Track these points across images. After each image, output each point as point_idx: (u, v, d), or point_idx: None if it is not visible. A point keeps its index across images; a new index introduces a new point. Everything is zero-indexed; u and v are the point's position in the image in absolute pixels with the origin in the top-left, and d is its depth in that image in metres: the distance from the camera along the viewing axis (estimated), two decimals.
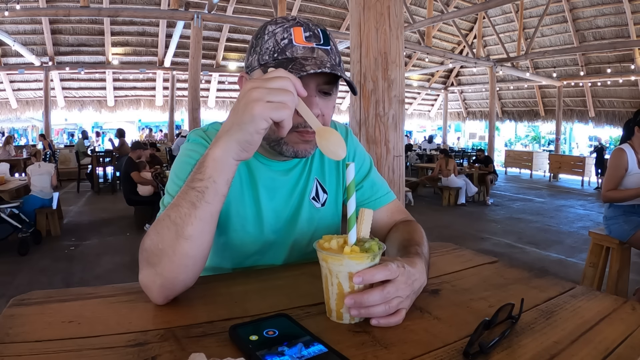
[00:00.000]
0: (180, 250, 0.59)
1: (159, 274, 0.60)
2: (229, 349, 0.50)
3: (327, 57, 0.72)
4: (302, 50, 0.71)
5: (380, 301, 0.56)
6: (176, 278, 0.61)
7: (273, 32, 0.73)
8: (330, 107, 0.77)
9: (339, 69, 0.72)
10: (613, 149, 2.61)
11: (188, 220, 0.58)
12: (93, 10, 8.00)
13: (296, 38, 0.71)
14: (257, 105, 0.55)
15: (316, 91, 0.73)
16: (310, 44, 0.71)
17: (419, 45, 11.33)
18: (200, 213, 0.59)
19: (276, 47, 0.71)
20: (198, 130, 0.85)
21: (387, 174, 2.22)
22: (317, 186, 0.91)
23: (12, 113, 11.76)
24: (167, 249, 0.59)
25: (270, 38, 0.72)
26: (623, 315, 0.63)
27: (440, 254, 0.95)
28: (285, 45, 0.71)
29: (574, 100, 13.49)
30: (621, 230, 2.57)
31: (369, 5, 2.13)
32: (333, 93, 0.76)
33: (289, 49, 0.71)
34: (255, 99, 0.55)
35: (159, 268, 0.60)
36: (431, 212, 7.10)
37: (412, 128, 20.71)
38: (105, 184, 8.85)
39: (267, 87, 0.56)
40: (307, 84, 0.70)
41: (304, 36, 0.71)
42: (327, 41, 0.73)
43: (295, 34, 0.71)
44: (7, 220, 4.06)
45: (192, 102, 8.14)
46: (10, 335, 0.52)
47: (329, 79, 0.73)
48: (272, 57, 0.71)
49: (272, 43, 0.72)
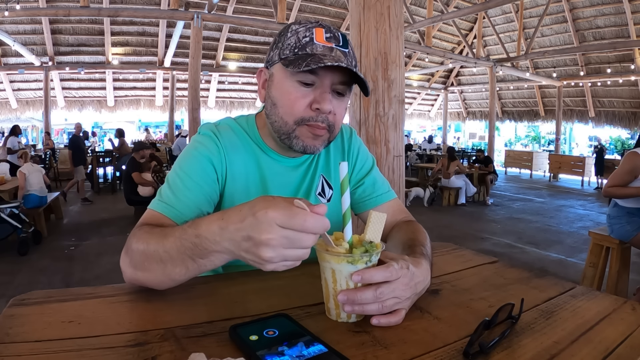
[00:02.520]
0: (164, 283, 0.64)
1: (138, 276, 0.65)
2: (229, 349, 0.50)
3: (345, 58, 0.74)
4: (321, 48, 0.73)
5: (372, 300, 0.56)
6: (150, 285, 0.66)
7: (296, 30, 0.76)
8: (342, 108, 0.80)
9: (355, 69, 0.74)
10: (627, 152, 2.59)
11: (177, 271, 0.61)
12: (93, 10, 8.00)
13: (317, 37, 0.74)
14: (269, 265, 0.51)
15: (330, 89, 0.75)
16: (330, 43, 0.74)
17: (419, 45, 11.33)
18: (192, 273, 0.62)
19: (298, 43, 0.74)
20: (210, 124, 0.86)
21: (387, 174, 2.22)
22: (323, 182, 0.92)
23: (12, 113, 11.75)
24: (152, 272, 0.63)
25: (293, 35, 0.76)
26: (623, 315, 0.63)
27: (440, 254, 0.95)
28: (307, 42, 0.74)
29: (574, 100, 13.49)
30: (623, 231, 2.57)
31: (369, 5, 2.13)
32: (346, 95, 0.79)
33: (310, 45, 0.74)
34: (269, 256, 0.50)
35: (139, 274, 0.65)
36: (431, 212, 7.10)
37: (412, 128, 20.71)
38: (105, 184, 8.84)
39: (293, 237, 0.49)
40: (323, 81, 0.74)
41: (325, 36, 0.74)
42: (345, 44, 0.76)
43: (317, 33, 0.74)
44: (7, 220, 4.06)
45: (192, 102, 8.13)
46: (10, 335, 0.51)
47: (343, 79, 0.76)
48: (293, 52, 0.74)
49: (294, 40, 0.75)
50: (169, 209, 0.74)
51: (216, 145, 0.81)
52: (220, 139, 0.82)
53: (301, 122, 0.76)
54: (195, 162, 0.79)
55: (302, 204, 0.49)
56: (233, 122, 0.88)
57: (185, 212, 0.75)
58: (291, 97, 0.75)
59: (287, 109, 0.76)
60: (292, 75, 0.74)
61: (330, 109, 0.75)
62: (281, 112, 0.77)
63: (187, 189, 0.77)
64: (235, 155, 0.83)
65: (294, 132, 0.77)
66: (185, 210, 0.75)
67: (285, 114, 0.76)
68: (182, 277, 0.62)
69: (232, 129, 0.86)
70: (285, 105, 0.76)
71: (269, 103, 0.80)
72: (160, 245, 0.61)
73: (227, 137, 0.83)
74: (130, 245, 0.66)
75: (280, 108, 0.77)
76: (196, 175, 0.78)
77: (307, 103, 0.75)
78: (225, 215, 0.54)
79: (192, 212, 0.75)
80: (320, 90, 0.74)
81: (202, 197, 0.78)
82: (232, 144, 0.83)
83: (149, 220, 0.73)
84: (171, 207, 0.75)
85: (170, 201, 0.75)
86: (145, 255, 0.63)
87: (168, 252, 0.60)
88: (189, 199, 0.76)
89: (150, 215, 0.75)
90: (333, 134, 0.80)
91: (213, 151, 0.81)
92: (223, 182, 0.82)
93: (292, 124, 0.76)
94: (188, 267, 0.60)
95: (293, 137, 0.77)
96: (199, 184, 0.78)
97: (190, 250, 0.58)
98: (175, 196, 0.76)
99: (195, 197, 0.77)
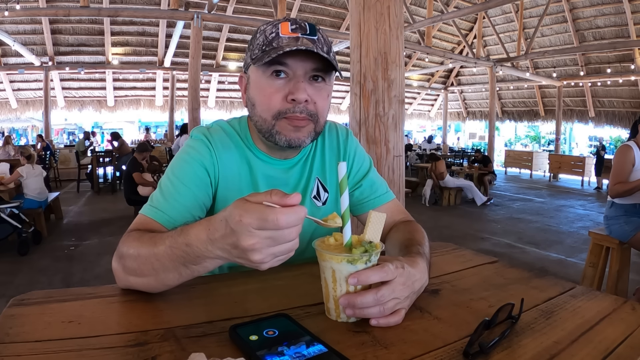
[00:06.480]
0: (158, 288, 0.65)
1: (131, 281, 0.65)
2: (229, 349, 0.50)
3: (312, 45, 0.73)
4: (287, 40, 0.73)
5: (373, 303, 0.56)
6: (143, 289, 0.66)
7: (264, 29, 0.77)
8: (322, 97, 0.78)
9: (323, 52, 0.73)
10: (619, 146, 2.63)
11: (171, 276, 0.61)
12: (93, 10, 7.99)
13: (282, 30, 0.74)
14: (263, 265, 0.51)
15: (304, 77, 0.75)
16: (295, 34, 0.74)
17: (419, 45, 11.33)
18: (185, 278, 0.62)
19: (265, 40, 0.75)
20: (202, 128, 0.86)
21: (387, 174, 2.22)
22: (319, 185, 0.92)
23: (12, 113, 11.74)
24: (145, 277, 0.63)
25: (261, 34, 0.77)
26: (623, 315, 0.63)
27: (440, 254, 0.95)
28: (273, 38, 0.74)
29: (574, 100, 13.48)
30: (622, 231, 2.57)
31: (369, 5, 2.13)
32: (326, 82, 0.78)
33: (275, 40, 0.74)
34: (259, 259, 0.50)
35: (132, 279, 0.65)
36: (431, 212, 7.10)
37: (412, 128, 20.70)
38: (105, 184, 8.84)
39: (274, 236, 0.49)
40: (295, 71, 0.74)
41: (290, 28, 0.74)
42: (313, 32, 0.75)
43: (282, 27, 0.74)
44: (7, 220, 4.06)
45: (192, 102, 8.13)
46: (10, 335, 0.51)
47: (316, 66, 0.75)
48: (261, 50, 0.75)
49: (262, 38, 0.76)
50: (159, 214, 0.75)
51: (208, 148, 0.82)
52: (212, 142, 0.83)
53: (279, 115, 0.76)
54: (187, 167, 0.80)
55: (271, 203, 0.48)
56: (225, 124, 0.88)
57: (176, 217, 0.75)
58: (266, 93, 0.76)
59: (264, 106, 0.77)
60: (264, 72, 0.75)
61: (305, 98, 0.74)
62: (259, 110, 0.78)
63: (179, 193, 0.77)
64: (228, 157, 0.83)
65: (274, 128, 0.77)
66: (176, 215, 0.75)
67: (263, 111, 0.77)
68: (176, 282, 0.62)
69: (225, 130, 0.86)
70: (262, 102, 0.77)
71: (250, 105, 0.81)
72: (151, 252, 0.61)
73: (219, 140, 0.84)
74: (121, 251, 0.67)
75: (259, 106, 0.78)
76: (188, 180, 0.78)
77: (282, 96, 0.75)
78: (210, 225, 0.54)
79: (184, 217, 0.76)
80: (294, 81, 0.74)
81: (194, 201, 0.78)
82: (224, 146, 0.84)
83: (139, 225, 0.74)
84: (162, 212, 0.75)
85: (161, 206, 0.76)
86: (137, 262, 0.63)
87: (160, 260, 0.60)
88: (180, 203, 0.76)
89: (140, 220, 0.75)
90: (319, 124, 0.79)
91: (205, 155, 0.81)
92: (216, 185, 0.82)
93: (271, 119, 0.76)
94: (181, 274, 0.60)
95: (275, 132, 0.77)
96: (191, 188, 0.78)
97: (182, 258, 0.58)
98: (167, 201, 0.76)
99: (187, 202, 0.77)
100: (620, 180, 2.51)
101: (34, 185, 4.74)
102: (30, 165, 4.83)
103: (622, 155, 2.55)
